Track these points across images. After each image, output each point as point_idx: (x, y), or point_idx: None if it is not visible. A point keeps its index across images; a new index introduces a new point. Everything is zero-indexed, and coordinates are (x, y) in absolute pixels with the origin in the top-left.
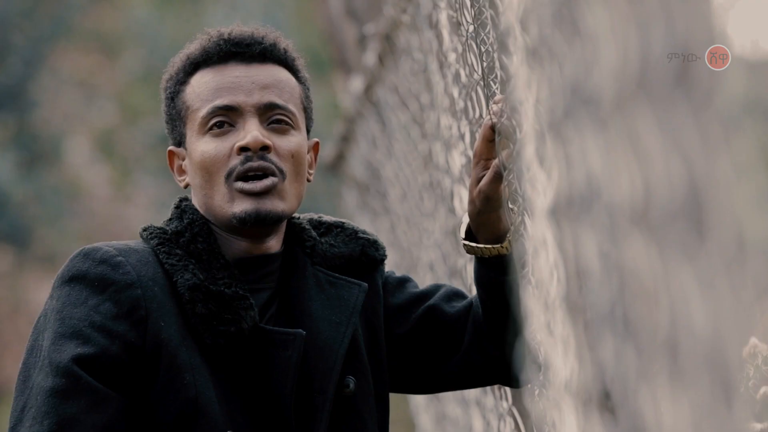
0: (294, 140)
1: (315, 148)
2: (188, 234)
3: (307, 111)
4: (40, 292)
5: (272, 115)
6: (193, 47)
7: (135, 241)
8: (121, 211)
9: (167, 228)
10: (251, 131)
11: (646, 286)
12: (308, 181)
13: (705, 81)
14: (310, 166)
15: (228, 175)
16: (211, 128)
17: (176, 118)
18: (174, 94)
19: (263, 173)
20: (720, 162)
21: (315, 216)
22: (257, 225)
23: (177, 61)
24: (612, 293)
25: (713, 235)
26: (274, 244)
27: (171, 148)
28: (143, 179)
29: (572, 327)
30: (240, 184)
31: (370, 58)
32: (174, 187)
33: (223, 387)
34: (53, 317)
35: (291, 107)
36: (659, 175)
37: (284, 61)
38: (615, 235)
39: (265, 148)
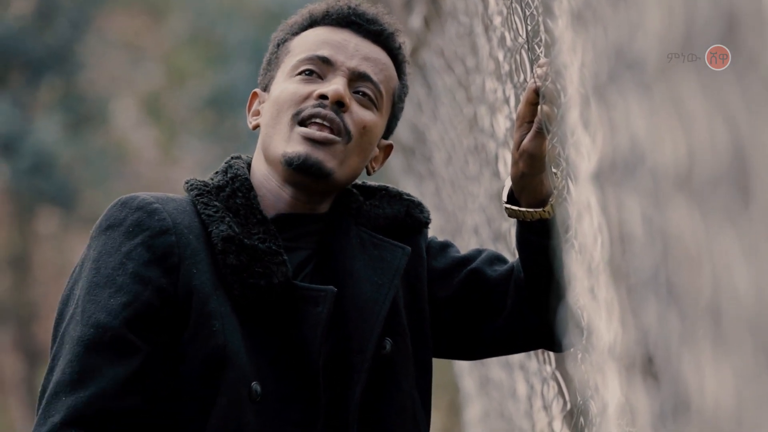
0: (371, 116)
1: (387, 149)
2: (228, 189)
3: (395, 108)
4: None
5: (360, 86)
6: (320, 6)
7: (177, 194)
8: (167, 174)
9: (209, 182)
10: (335, 83)
11: (689, 251)
12: (368, 173)
13: (750, 43)
14: (375, 161)
15: (295, 115)
16: (300, 73)
17: (273, 62)
18: (282, 41)
19: (329, 126)
20: (765, 126)
21: (359, 182)
22: (301, 171)
23: (302, 12)
24: (655, 258)
25: (758, 200)
26: (322, 207)
27: (256, 90)
28: (190, 142)
29: (615, 291)
30: (302, 129)
31: (416, 21)
32: (220, 149)
33: (252, 339)
34: (89, 266)
35: (382, 87)
36: (703, 139)
37: (394, 54)
38: (659, 200)
39: (342, 105)
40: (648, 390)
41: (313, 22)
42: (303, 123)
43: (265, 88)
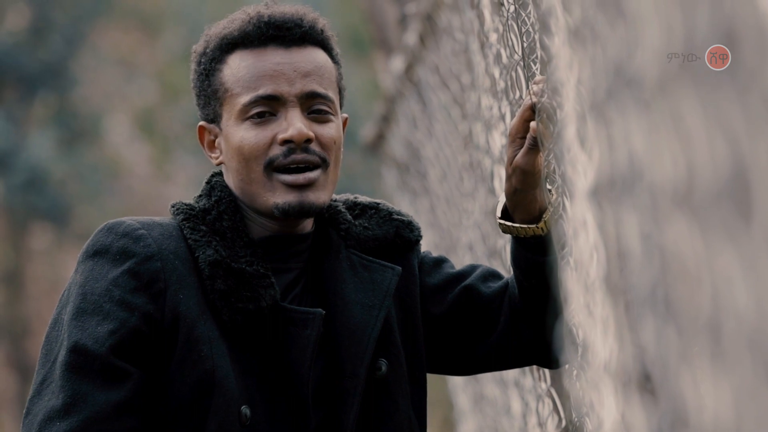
0: (334, 127)
1: (344, 123)
2: (215, 212)
3: (341, 92)
4: None
5: (313, 105)
6: (231, 27)
7: (163, 217)
8: (160, 190)
9: (195, 205)
10: (294, 123)
11: (688, 268)
12: None
13: (749, 60)
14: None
15: (268, 164)
16: (251, 116)
17: (211, 97)
18: (209, 72)
19: (306, 165)
20: (765, 142)
21: (351, 197)
22: (300, 217)
23: (212, 37)
24: (653, 274)
25: (757, 216)
26: (306, 224)
27: (202, 123)
28: (183, 158)
29: (612, 308)
30: (283, 177)
31: (411, 37)
32: (213, 166)
33: (241, 363)
34: (75, 292)
35: (331, 94)
36: (703, 156)
37: (322, 43)
38: (657, 217)
39: (308, 141)
40: (644, 407)
41: (233, 47)
42: (279, 170)
43: (212, 121)
